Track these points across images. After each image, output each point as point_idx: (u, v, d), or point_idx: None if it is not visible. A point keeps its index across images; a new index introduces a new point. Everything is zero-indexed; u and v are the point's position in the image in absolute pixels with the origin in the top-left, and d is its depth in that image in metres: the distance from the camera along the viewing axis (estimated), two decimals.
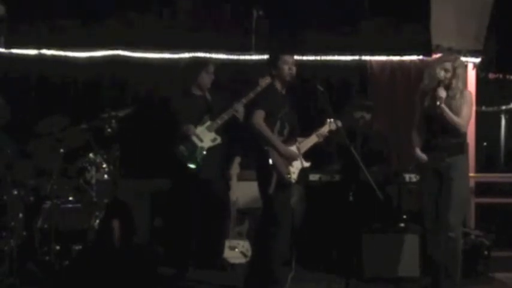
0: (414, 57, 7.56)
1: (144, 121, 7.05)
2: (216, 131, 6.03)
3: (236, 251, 6.40)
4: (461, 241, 5.50)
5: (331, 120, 5.50)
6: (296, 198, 6.15)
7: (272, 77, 5.42)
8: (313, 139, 5.54)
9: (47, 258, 5.71)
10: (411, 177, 6.41)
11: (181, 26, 7.43)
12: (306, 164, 5.44)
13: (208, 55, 7.14)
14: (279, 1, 7.50)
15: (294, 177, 5.33)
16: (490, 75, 7.67)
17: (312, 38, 7.49)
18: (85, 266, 5.39)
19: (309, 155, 5.48)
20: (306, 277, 5.99)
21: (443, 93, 5.30)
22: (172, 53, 7.35)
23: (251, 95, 5.63)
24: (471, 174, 6.56)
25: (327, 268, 6.30)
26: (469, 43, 7.41)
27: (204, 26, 7.43)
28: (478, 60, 7.47)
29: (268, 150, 5.21)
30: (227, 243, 6.40)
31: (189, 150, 5.93)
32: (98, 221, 5.94)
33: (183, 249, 6.12)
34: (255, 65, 7.18)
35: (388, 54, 7.57)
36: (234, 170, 6.64)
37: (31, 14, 7.33)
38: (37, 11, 7.34)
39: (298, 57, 5.50)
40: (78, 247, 5.79)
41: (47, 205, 5.92)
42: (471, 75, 7.49)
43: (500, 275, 6.20)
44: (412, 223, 6.15)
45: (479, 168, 7.64)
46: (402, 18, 7.51)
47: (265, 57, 6.22)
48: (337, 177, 6.50)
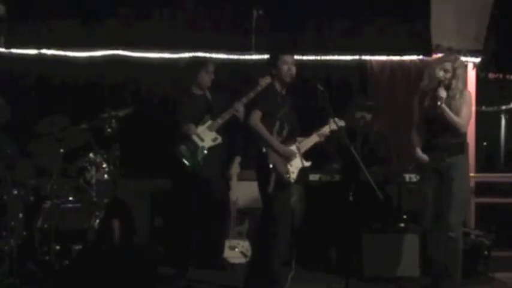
0: (414, 57, 7.55)
1: (144, 121, 7.04)
2: (216, 131, 6.03)
3: (236, 251, 6.40)
4: (462, 241, 5.51)
5: (334, 119, 5.50)
6: (296, 198, 6.15)
7: (272, 76, 5.43)
8: (314, 138, 5.53)
9: (47, 258, 5.71)
10: (411, 177, 6.40)
11: (181, 26, 7.42)
12: (306, 164, 5.44)
13: (208, 55, 7.14)
14: (279, 1, 7.49)
15: (293, 176, 5.33)
16: (490, 75, 7.67)
17: (312, 38, 7.49)
18: (85, 266, 5.38)
19: (309, 155, 5.48)
20: (306, 277, 5.99)
21: (443, 93, 5.30)
22: (172, 52, 7.34)
23: (251, 94, 5.63)
24: (471, 174, 6.56)
25: (327, 268, 6.31)
26: (469, 43, 7.42)
27: (204, 26, 7.43)
28: (478, 60, 7.48)
29: (266, 150, 5.21)
30: (227, 243, 6.41)
31: (190, 150, 5.93)
32: (98, 221, 5.95)
33: (183, 249, 6.12)
34: (255, 64, 7.18)
35: (388, 54, 7.56)
36: (234, 169, 6.63)
37: (31, 14, 7.33)
38: (37, 11, 7.34)
39: (298, 57, 5.49)
40: (78, 247, 5.79)
41: (47, 205, 5.92)
42: (471, 75, 7.50)
43: (500, 275, 6.20)
44: (412, 223, 6.16)
45: (479, 168, 7.64)
46: (402, 18, 7.50)
47: (265, 57, 6.22)
48: (337, 177, 6.49)
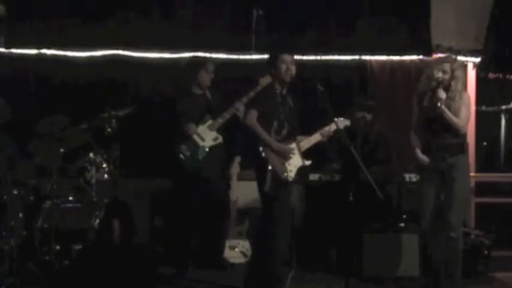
0: (414, 57, 7.55)
1: (144, 121, 7.04)
2: (217, 130, 6.03)
3: (236, 250, 6.40)
4: (462, 241, 5.51)
5: (339, 119, 5.49)
6: (296, 197, 6.14)
7: (272, 76, 5.42)
8: (317, 137, 5.47)
9: (47, 258, 5.71)
10: (411, 177, 6.40)
11: (181, 25, 7.42)
12: (306, 163, 5.42)
13: (208, 55, 7.14)
14: (279, 1, 7.49)
15: (290, 175, 5.29)
16: (490, 75, 7.66)
17: (312, 38, 7.49)
18: (85, 266, 5.38)
19: (309, 155, 5.47)
20: (306, 277, 5.99)
21: (443, 94, 5.31)
22: (172, 52, 7.35)
23: (251, 94, 5.63)
24: (471, 174, 6.56)
25: (327, 268, 6.31)
26: (469, 43, 7.42)
27: (204, 26, 7.42)
28: (478, 60, 7.48)
29: (263, 149, 5.20)
30: (227, 243, 6.40)
31: (191, 150, 5.94)
32: (98, 220, 5.96)
33: (183, 249, 6.13)
34: (255, 64, 7.18)
35: (388, 54, 7.56)
36: (234, 169, 6.64)
37: (31, 14, 7.33)
38: (37, 11, 7.34)
39: (298, 57, 5.49)
40: (78, 247, 5.79)
41: (47, 205, 5.93)
42: (471, 75, 7.51)
43: (500, 275, 6.20)
44: (412, 223, 6.15)
45: (479, 168, 7.64)
46: (402, 18, 7.50)
47: (265, 56, 6.22)
48: (337, 177, 6.49)
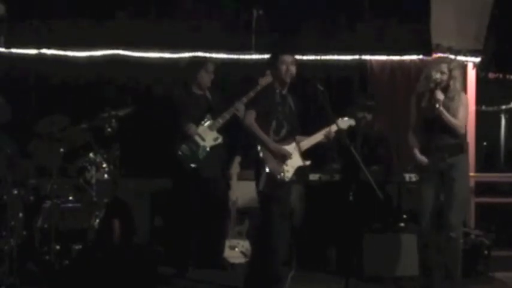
0: (414, 57, 7.55)
1: (144, 121, 7.04)
2: (217, 130, 6.03)
3: (236, 250, 6.40)
4: (462, 241, 5.51)
5: (343, 119, 5.48)
6: (296, 197, 6.14)
7: (272, 76, 5.42)
8: (318, 137, 5.44)
9: (47, 258, 5.71)
10: (411, 177, 6.40)
11: (181, 25, 7.42)
12: (306, 163, 5.41)
13: (208, 55, 7.14)
14: (279, 1, 7.49)
15: (287, 175, 5.25)
16: (490, 75, 7.66)
17: (312, 38, 7.49)
18: (85, 266, 5.38)
19: (309, 155, 5.46)
20: (306, 277, 5.98)
21: (441, 95, 5.31)
22: (172, 52, 7.35)
23: (251, 94, 5.63)
24: (471, 174, 6.56)
25: (327, 268, 6.31)
26: (469, 43, 7.42)
27: (204, 26, 7.43)
28: (478, 59, 7.47)
29: (260, 149, 5.20)
30: (227, 243, 6.40)
31: (192, 150, 5.94)
32: (98, 220, 5.95)
33: (183, 249, 6.12)
34: (255, 64, 7.17)
35: (388, 54, 7.56)
36: (234, 169, 6.64)
37: (31, 14, 7.33)
38: (37, 11, 7.34)
39: (298, 57, 5.49)
40: (78, 247, 5.79)
41: (47, 205, 5.93)
42: (471, 75, 7.51)
43: (500, 275, 6.20)
44: (412, 223, 6.15)
45: (479, 168, 7.63)
46: (402, 18, 7.50)
47: (265, 56, 6.22)
48: (337, 177, 6.50)
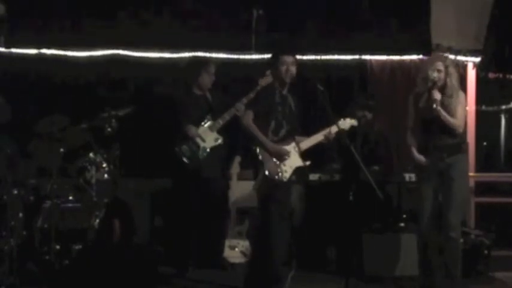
0: (414, 57, 7.56)
1: (144, 120, 7.04)
2: (217, 131, 6.04)
3: (236, 250, 6.40)
4: (461, 241, 5.50)
5: (346, 119, 5.48)
6: (296, 197, 6.12)
7: (272, 76, 5.41)
8: (318, 138, 5.42)
9: (47, 257, 5.71)
10: (411, 177, 6.39)
11: (181, 26, 7.42)
12: (306, 163, 5.40)
13: (208, 55, 7.14)
14: (279, 1, 7.49)
15: (285, 175, 5.25)
16: (490, 75, 7.66)
17: (312, 38, 7.49)
18: (85, 266, 5.38)
19: (309, 155, 5.46)
20: (306, 277, 5.98)
21: (438, 95, 5.31)
22: (172, 52, 7.35)
23: (251, 94, 5.63)
24: (471, 174, 6.57)
25: (327, 268, 6.31)
26: (469, 43, 7.42)
27: (204, 26, 7.43)
28: (478, 59, 7.48)
29: (258, 149, 5.20)
30: (227, 243, 6.40)
31: (192, 150, 5.94)
32: (98, 220, 5.95)
33: (183, 249, 6.12)
34: (255, 64, 7.18)
35: (388, 54, 7.57)
36: (234, 169, 6.64)
37: (31, 14, 7.33)
38: (37, 10, 7.35)
39: (298, 57, 5.49)
40: (78, 247, 5.79)
41: (47, 205, 5.93)
42: (471, 75, 7.51)
43: (500, 275, 6.20)
44: (411, 223, 6.14)
45: (479, 168, 7.63)
46: (402, 18, 7.50)
47: (265, 56, 6.22)
48: (337, 176, 6.50)
